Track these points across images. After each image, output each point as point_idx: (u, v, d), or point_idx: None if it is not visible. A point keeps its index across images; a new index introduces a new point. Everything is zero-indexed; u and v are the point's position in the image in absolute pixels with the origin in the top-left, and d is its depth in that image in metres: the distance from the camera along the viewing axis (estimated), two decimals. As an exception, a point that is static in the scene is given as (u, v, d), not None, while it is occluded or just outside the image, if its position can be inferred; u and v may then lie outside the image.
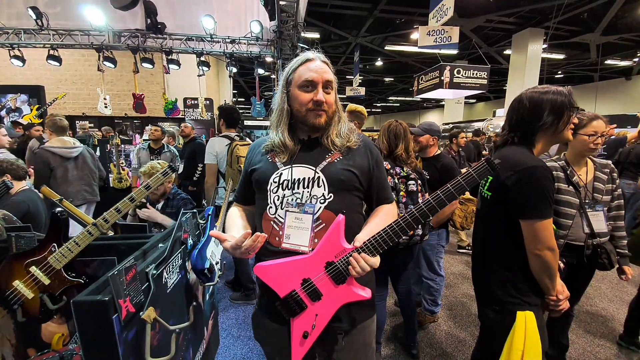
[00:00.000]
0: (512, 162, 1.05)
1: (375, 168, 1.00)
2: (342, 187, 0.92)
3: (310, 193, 0.91)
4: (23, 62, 5.18)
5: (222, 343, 2.20)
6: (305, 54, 0.97)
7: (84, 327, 0.89)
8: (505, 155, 1.11)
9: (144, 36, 4.92)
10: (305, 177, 0.93)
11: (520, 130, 1.11)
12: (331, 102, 0.95)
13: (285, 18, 4.58)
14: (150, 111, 7.83)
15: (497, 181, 1.09)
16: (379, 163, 1.02)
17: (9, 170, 2.13)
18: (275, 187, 0.94)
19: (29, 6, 4.66)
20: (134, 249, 1.25)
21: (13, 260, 1.24)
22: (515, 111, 1.12)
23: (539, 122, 1.07)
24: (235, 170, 2.48)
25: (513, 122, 1.13)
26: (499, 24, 10.01)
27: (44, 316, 1.28)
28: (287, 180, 0.93)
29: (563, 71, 15.08)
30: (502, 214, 1.09)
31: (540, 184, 1.00)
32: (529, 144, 1.11)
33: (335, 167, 0.93)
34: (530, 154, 1.08)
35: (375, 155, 1.01)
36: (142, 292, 1.01)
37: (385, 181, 1.04)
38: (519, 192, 1.02)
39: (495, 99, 21.01)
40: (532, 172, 1.01)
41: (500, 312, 1.13)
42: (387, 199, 1.04)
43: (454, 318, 2.53)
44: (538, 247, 1.02)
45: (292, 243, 0.90)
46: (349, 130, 1.00)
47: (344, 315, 0.92)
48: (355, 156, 0.97)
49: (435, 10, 6.71)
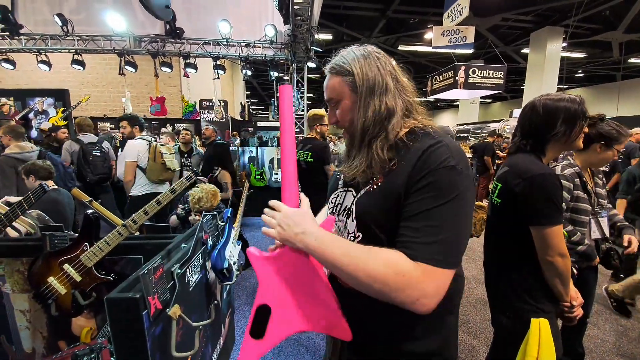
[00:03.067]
0: (521, 170, 1.07)
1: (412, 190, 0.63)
2: (368, 225, 0.70)
3: (346, 225, 0.76)
4: (49, 66, 5.43)
5: (238, 340, 2.26)
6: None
7: (115, 322, 0.95)
8: (514, 162, 1.12)
9: (163, 41, 5.08)
10: (347, 206, 0.77)
11: (532, 138, 1.12)
12: (338, 118, 0.77)
13: (300, 22, 4.64)
14: (168, 112, 8.05)
15: (506, 188, 1.10)
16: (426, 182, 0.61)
17: (33, 171, 2.25)
18: (331, 208, 0.84)
19: (55, 13, 4.88)
20: (158, 248, 1.32)
21: (48, 258, 1.32)
22: (528, 118, 1.13)
23: (553, 131, 1.08)
24: (158, 163, 2.99)
25: (526, 129, 1.14)
26: (516, 23, 9.79)
27: (75, 311, 1.36)
28: (339, 205, 0.81)
29: (583, 70, 14.58)
30: (512, 221, 1.10)
31: (548, 190, 1.01)
32: (540, 152, 1.12)
33: (369, 197, 0.71)
34: (539, 162, 1.09)
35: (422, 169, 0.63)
36: (168, 290, 1.07)
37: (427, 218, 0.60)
38: (528, 199, 1.03)
39: (512, 98, 20.52)
40: (540, 179, 1.02)
41: (513, 319, 1.13)
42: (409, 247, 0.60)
43: (467, 324, 2.52)
44: (549, 254, 1.02)
45: None
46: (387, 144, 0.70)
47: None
48: (396, 175, 0.67)
49: (450, 10, 6.64)
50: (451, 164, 0.61)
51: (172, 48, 5.18)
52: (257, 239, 4.23)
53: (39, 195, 1.28)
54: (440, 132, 0.70)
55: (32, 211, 1.62)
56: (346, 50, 0.77)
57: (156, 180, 3.06)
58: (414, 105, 0.75)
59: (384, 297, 0.59)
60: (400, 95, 0.73)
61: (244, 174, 5.15)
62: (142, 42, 5.11)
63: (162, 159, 3.00)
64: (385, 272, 0.57)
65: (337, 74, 0.75)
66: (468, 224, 0.63)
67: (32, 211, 1.61)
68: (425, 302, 0.57)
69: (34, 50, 5.23)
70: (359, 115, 0.72)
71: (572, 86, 17.51)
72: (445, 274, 0.59)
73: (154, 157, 2.98)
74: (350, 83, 0.72)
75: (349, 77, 0.72)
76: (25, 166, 2.24)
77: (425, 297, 0.57)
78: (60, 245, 1.36)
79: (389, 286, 0.57)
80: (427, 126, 0.72)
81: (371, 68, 0.72)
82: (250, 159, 5.27)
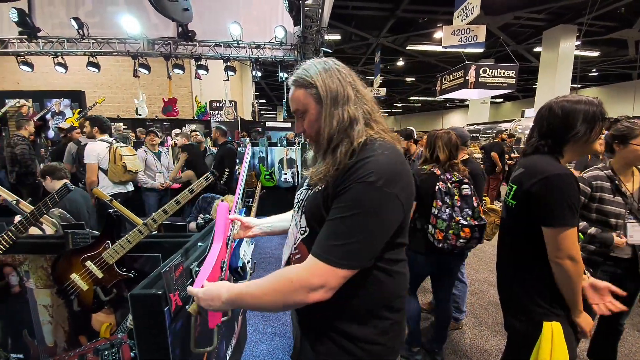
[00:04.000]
0: (537, 170, 1.06)
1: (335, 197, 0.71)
2: (311, 222, 0.79)
3: (299, 220, 0.83)
4: (66, 68, 5.57)
5: (249, 338, 2.29)
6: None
7: (138, 318, 0.98)
8: (530, 163, 1.11)
9: (176, 43, 5.17)
10: (302, 203, 0.85)
11: (551, 138, 1.11)
12: (304, 128, 0.82)
13: (309, 23, 4.66)
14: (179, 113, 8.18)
15: (522, 189, 1.10)
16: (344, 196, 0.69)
17: (50, 172, 2.31)
18: (295, 204, 0.91)
19: (71, 17, 5.01)
20: (176, 247, 1.36)
21: (71, 255, 1.37)
22: (546, 119, 1.12)
23: (572, 132, 1.06)
24: (119, 166, 3.03)
25: (544, 130, 1.13)
26: (528, 21, 9.63)
27: (96, 306, 1.41)
28: (300, 201, 0.87)
29: (598, 69, 14.25)
30: (527, 223, 1.09)
31: (564, 191, 0.99)
32: (557, 153, 1.10)
33: (312, 197, 0.79)
34: (556, 163, 1.08)
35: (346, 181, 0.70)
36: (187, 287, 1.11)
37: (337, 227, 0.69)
38: (543, 200, 1.02)
39: (524, 98, 20.18)
40: (556, 179, 1.01)
41: (526, 322, 1.13)
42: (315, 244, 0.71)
43: (479, 326, 2.50)
44: (559, 255, 1.01)
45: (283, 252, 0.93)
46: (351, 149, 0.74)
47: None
48: (334, 180, 0.73)
49: (461, 9, 6.57)
50: (369, 180, 0.67)
51: (184, 50, 5.26)
52: (265, 239, 4.27)
53: (63, 194, 1.33)
54: (386, 144, 0.75)
55: (54, 210, 1.67)
56: (307, 63, 0.81)
57: (117, 182, 3.10)
58: (373, 114, 0.80)
59: (290, 304, 0.71)
60: (361, 104, 0.79)
61: (254, 174, 5.20)
62: (155, 44, 5.20)
63: (122, 161, 3.04)
64: (276, 287, 0.71)
65: (301, 87, 0.79)
66: (371, 236, 0.69)
67: (55, 210, 1.67)
68: (316, 295, 0.69)
69: (51, 53, 5.38)
70: (325, 124, 0.77)
71: (586, 85, 17.12)
72: (335, 272, 0.68)
73: (114, 159, 3.03)
74: (315, 95, 0.77)
75: (313, 89, 0.77)
76: (43, 168, 2.32)
77: (314, 291, 0.68)
78: (82, 243, 1.41)
79: (285, 295, 0.70)
80: (376, 139, 0.76)
81: (333, 80, 0.76)
82: (260, 160, 5.32)
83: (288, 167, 5.26)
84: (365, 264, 0.71)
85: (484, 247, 4.13)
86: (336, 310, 0.78)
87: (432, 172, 1.83)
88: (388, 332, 0.80)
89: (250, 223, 1.08)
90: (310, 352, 0.84)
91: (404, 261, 0.83)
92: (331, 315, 0.79)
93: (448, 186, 1.77)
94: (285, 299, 0.70)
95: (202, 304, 0.81)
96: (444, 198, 1.76)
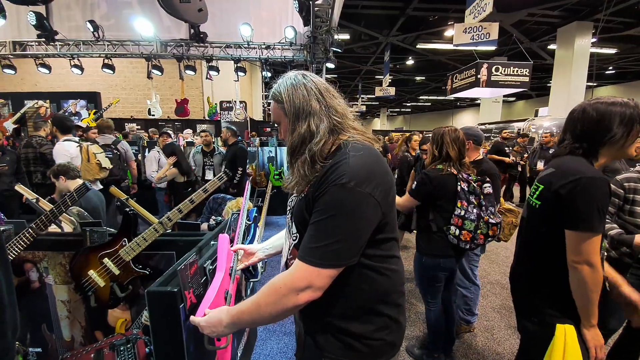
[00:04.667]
0: (568, 171, 1.02)
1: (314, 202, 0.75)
2: (299, 228, 0.84)
3: (291, 227, 0.89)
4: (82, 70, 5.73)
5: (260, 336, 2.31)
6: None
7: (155, 314, 1.00)
8: (561, 163, 1.08)
9: (188, 45, 5.25)
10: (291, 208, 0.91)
11: (587, 141, 1.06)
12: (282, 138, 0.90)
13: (319, 23, 4.67)
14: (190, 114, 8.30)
15: (549, 190, 1.06)
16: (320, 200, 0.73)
17: (63, 172, 2.35)
18: (288, 210, 0.94)
19: (87, 20, 5.14)
20: (190, 245, 1.38)
21: (89, 252, 1.41)
22: (580, 121, 1.08)
23: (609, 134, 1.02)
24: (93, 163, 3.13)
25: (577, 133, 1.08)
26: (542, 18, 9.42)
27: (112, 302, 1.45)
28: (291, 209, 0.92)
29: (615, 66, 13.85)
30: (551, 224, 1.06)
31: (595, 195, 0.96)
32: (592, 156, 1.06)
33: (299, 203, 0.84)
34: (590, 165, 1.04)
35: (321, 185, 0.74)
36: (201, 285, 1.12)
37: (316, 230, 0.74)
38: (572, 202, 0.99)
39: (537, 96, 19.75)
40: (589, 182, 0.97)
41: (539, 324, 1.10)
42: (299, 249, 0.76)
43: (491, 329, 2.46)
44: (577, 259, 0.98)
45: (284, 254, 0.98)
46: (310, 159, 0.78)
47: None
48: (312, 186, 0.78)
49: (473, 7, 6.46)
50: (341, 182, 0.71)
51: (196, 52, 5.34)
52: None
53: (82, 193, 1.37)
54: (358, 146, 0.78)
55: (72, 208, 1.72)
56: (282, 78, 0.86)
57: (92, 179, 3.15)
58: (344, 122, 0.83)
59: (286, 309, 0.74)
60: (328, 115, 0.81)
61: (263, 173, 5.23)
62: (168, 46, 5.30)
63: (96, 158, 3.10)
64: (268, 298, 0.75)
65: (275, 100, 0.86)
66: (348, 236, 0.72)
67: (73, 208, 1.71)
68: (305, 295, 0.73)
69: (67, 55, 5.53)
70: (288, 137, 0.84)
71: (602, 83, 16.66)
72: (318, 272, 0.72)
73: (88, 157, 3.09)
74: (283, 109, 0.83)
75: (282, 104, 0.83)
76: (54, 169, 2.36)
77: (302, 291, 0.72)
78: (99, 241, 1.44)
79: (277, 303, 0.74)
80: (349, 142, 0.79)
81: (297, 94, 0.81)
82: (269, 159, 5.35)
83: (297, 167, 5.28)
84: (347, 262, 0.74)
85: (496, 249, 4.06)
86: (332, 308, 0.81)
87: (451, 172, 1.75)
88: (387, 328, 0.83)
89: (252, 250, 1.16)
90: (314, 349, 0.86)
91: (395, 258, 0.86)
92: (329, 313, 0.82)
93: (473, 185, 1.72)
94: (280, 306, 0.74)
95: (206, 332, 0.85)
96: (469, 198, 1.71)
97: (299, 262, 0.74)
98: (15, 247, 1.34)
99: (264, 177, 5.21)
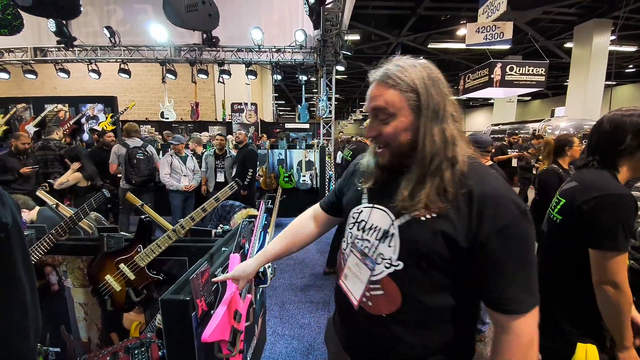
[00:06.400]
0: (594, 187, 0.98)
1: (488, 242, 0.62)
2: (419, 260, 0.67)
3: (377, 248, 0.73)
4: (99, 75, 5.90)
5: (268, 340, 2.33)
6: (372, 71, 0.73)
7: (168, 322, 1.04)
8: (584, 177, 1.04)
9: (200, 49, 5.35)
10: (380, 228, 0.73)
11: (599, 154, 1.04)
12: (387, 134, 0.70)
13: (329, 26, 4.68)
14: (202, 116, 8.44)
15: (572, 205, 1.02)
16: (508, 237, 0.62)
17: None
18: (352, 223, 0.81)
19: (104, 26, 5.29)
20: (202, 251, 1.41)
21: (105, 258, 1.46)
22: (595, 134, 1.05)
23: (621, 146, 0.99)
24: None
25: (593, 144, 1.06)
26: (559, 16, 9.17)
27: (128, 306, 1.49)
28: (364, 222, 0.77)
29: (635, 64, 13.35)
30: (573, 240, 1.02)
31: (621, 213, 0.92)
32: (611, 167, 1.02)
33: (420, 227, 0.67)
34: (614, 180, 1.00)
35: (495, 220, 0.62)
36: (213, 292, 1.15)
37: (509, 267, 0.63)
38: (596, 219, 0.95)
39: (554, 96, 19.21)
40: (614, 200, 0.93)
41: (559, 341, 1.07)
42: (502, 304, 0.64)
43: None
44: (602, 280, 0.94)
45: (347, 285, 0.81)
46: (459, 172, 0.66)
47: None
48: (451, 214, 0.64)
49: (486, 6, 6.35)
50: (521, 210, 0.63)
51: (208, 56, 5.44)
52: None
53: (99, 200, 1.42)
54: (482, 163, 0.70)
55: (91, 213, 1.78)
56: (404, 62, 0.69)
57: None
58: (459, 133, 0.71)
59: None
60: (454, 122, 0.70)
61: (273, 175, 5.28)
62: (182, 51, 5.41)
63: None
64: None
65: (395, 87, 0.67)
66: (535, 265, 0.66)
67: (92, 213, 1.78)
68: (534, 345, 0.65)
69: (85, 60, 5.71)
70: (426, 140, 0.66)
71: (622, 82, 16.08)
72: (536, 314, 0.64)
73: None
74: (413, 102, 0.67)
75: (412, 95, 0.67)
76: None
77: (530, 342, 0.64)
78: (115, 246, 1.49)
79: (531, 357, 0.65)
80: (474, 158, 0.70)
81: (436, 90, 0.67)
82: (279, 162, 5.39)
83: (307, 169, 5.30)
84: None
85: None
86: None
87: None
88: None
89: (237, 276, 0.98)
90: None
91: None
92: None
93: None
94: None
95: None
96: None
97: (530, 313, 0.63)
98: (36, 252, 1.40)
99: (274, 180, 5.25)
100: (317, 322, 2.53)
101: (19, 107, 5.91)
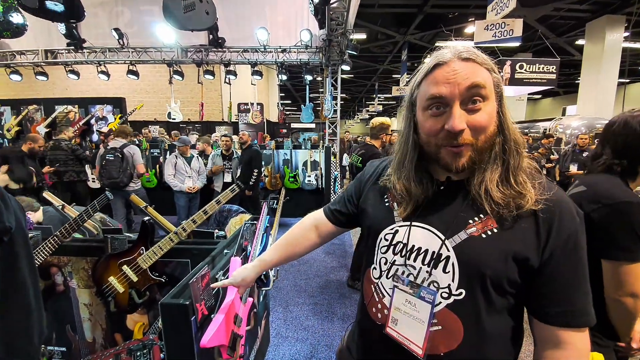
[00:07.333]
0: (602, 194, 0.94)
1: (555, 255, 0.56)
2: (484, 285, 0.58)
3: (430, 274, 0.61)
4: (108, 76, 5.99)
5: (272, 342, 2.33)
6: (437, 53, 0.60)
7: (168, 326, 1.03)
8: (593, 183, 0.99)
9: (207, 50, 5.38)
10: (427, 250, 0.62)
11: (627, 159, 0.98)
12: (482, 124, 0.57)
13: (335, 26, 4.65)
14: (208, 116, 8.50)
15: None
16: (572, 247, 0.57)
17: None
18: (385, 246, 0.68)
19: (112, 28, 5.36)
20: (204, 253, 1.41)
21: (109, 259, 1.47)
22: (621, 136, 0.99)
23: None
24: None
25: (619, 148, 0.99)
26: (570, 12, 8.96)
27: (131, 308, 1.50)
28: (401, 244, 0.65)
29: (650, 61, 12.99)
30: None
31: (633, 221, 0.88)
32: (630, 175, 0.98)
33: (483, 247, 0.58)
34: (625, 187, 0.96)
35: (560, 231, 0.56)
36: (213, 296, 1.14)
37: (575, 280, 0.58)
38: (607, 229, 0.91)
39: (565, 94, 18.82)
40: (626, 207, 0.89)
41: None
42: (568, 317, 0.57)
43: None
44: (619, 292, 0.90)
45: (400, 333, 0.64)
46: (529, 174, 0.60)
47: None
48: (524, 229, 0.57)
49: (495, 2, 6.24)
50: (580, 217, 0.59)
51: (214, 57, 5.47)
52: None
53: (103, 202, 1.42)
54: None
55: (96, 214, 1.80)
56: (475, 49, 0.59)
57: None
58: None
59: None
60: None
61: (278, 176, 5.28)
62: (188, 52, 5.45)
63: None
64: None
65: (483, 65, 0.57)
66: None
67: (97, 214, 1.79)
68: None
69: (94, 62, 5.80)
70: (505, 129, 0.59)
71: (636, 80, 15.66)
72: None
73: None
74: (496, 85, 0.59)
75: (496, 76, 0.59)
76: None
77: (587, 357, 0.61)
78: (119, 248, 1.50)
79: None
80: None
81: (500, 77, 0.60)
82: (284, 162, 5.39)
83: (312, 169, 5.28)
84: None
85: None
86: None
87: None
88: None
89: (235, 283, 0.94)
90: None
91: None
92: None
93: None
94: None
95: None
96: None
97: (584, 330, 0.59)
98: (42, 252, 1.42)
99: (279, 180, 5.25)
100: (321, 325, 2.52)
101: (31, 108, 6.05)
